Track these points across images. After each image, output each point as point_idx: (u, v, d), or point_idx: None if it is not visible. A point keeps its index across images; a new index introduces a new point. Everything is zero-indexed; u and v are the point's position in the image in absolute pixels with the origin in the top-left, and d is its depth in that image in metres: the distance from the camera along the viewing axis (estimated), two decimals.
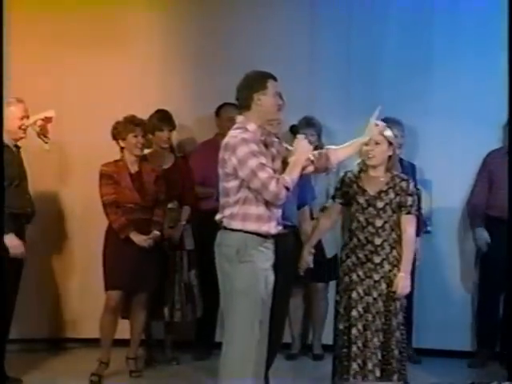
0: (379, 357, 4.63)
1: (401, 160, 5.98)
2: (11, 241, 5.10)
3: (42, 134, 5.53)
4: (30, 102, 5.82)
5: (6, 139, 5.21)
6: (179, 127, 6.19)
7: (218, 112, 6.26)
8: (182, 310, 5.86)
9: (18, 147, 5.44)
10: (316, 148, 5.95)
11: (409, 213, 4.69)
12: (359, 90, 6.35)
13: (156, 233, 5.59)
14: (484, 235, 6.02)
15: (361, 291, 4.69)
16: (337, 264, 5.79)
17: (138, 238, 5.51)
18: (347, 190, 4.79)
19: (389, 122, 5.87)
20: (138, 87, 6.35)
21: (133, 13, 6.49)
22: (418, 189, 5.52)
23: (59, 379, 5.59)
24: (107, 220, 5.57)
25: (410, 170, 6.00)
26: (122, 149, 5.65)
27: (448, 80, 6.27)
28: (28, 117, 5.39)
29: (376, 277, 4.68)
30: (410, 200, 4.69)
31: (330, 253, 5.92)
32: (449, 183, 6.26)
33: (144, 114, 5.87)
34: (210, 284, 5.40)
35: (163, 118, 5.98)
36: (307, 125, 6.02)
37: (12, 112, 5.30)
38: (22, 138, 5.40)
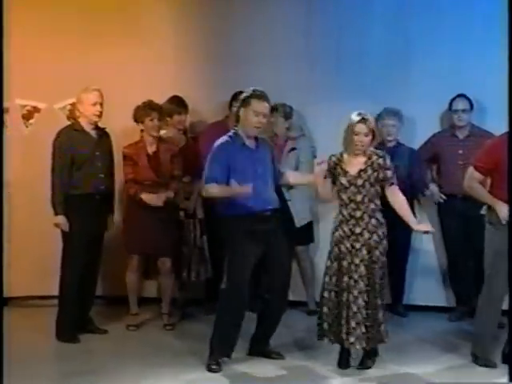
0: (364, 315, 5.00)
1: (400, 145, 6.48)
2: (58, 219, 5.73)
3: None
4: (58, 88, 6.52)
5: (84, 123, 5.77)
6: (190, 111, 6.62)
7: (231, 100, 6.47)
8: (197, 271, 6.45)
9: (99, 130, 5.88)
10: (287, 128, 6.52)
11: (392, 184, 5.07)
12: (347, 78, 6.68)
13: (169, 193, 6.02)
14: (436, 189, 6.43)
15: (350, 260, 5.06)
16: (311, 229, 6.55)
17: (148, 197, 5.95)
18: (333, 172, 5.12)
19: (387, 111, 6.39)
20: (153, 75, 6.76)
21: (149, 6, 6.89)
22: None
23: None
24: (127, 193, 6.12)
25: (408, 153, 6.42)
26: (141, 131, 6.14)
27: (427, 68, 6.57)
28: (102, 103, 5.81)
29: (357, 245, 5.04)
30: (389, 173, 5.05)
31: (299, 222, 6.52)
32: None
33: (159, 99, 6.27)
34: (217, 248, 6.04)
35: (181, 103, 6.47)
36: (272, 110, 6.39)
37: (88, 99, 5.76)
38: (96, 121, 5.83)
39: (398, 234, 5.57)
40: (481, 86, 6.35)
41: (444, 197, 6.46)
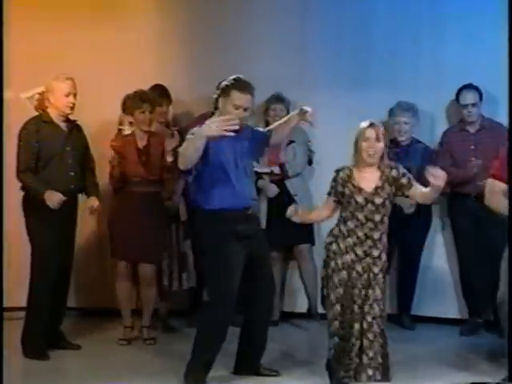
0: (380, 343, 4.73)
1: (414, 142, 6.25)
2: (46, 196, 5.31)
3: None
4: (26, 76, 6.14)
5: (53, 115, 5.49)
6: (174, 101, 6.38)
7: None
8: (179, 279, 6.13)
9: (70, 123, 5.55)
10: None
11: (412, 185, 4.78)
12: (348, 66, 6.48)
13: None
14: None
15: (360, 286, 4.78)
16: (312, 228, 6.30)
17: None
18: (342, 191, 4.84)
19: (400, 106, 6.20)
20: (135, 62, 6.50)
21: None
22: None
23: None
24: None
25: (421, 152, 6.16)
26: (130, 123, 5.84)
27: (434, 56, 6.37)
28: (75, 94, 5.49)
29: (375, 270, 4.81)
30: (405, 179, 4.80)
31: None
32: None
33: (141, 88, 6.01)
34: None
35: (162, 94, 6.20)
36: (277, 100, 6.33)
37: (60, 88, 5.45)
38: (68, 114, 5.51)
39: (411, 235, 5.69)
40: (491, 74, 6.03)
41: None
